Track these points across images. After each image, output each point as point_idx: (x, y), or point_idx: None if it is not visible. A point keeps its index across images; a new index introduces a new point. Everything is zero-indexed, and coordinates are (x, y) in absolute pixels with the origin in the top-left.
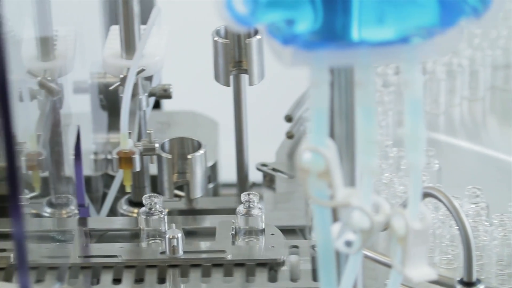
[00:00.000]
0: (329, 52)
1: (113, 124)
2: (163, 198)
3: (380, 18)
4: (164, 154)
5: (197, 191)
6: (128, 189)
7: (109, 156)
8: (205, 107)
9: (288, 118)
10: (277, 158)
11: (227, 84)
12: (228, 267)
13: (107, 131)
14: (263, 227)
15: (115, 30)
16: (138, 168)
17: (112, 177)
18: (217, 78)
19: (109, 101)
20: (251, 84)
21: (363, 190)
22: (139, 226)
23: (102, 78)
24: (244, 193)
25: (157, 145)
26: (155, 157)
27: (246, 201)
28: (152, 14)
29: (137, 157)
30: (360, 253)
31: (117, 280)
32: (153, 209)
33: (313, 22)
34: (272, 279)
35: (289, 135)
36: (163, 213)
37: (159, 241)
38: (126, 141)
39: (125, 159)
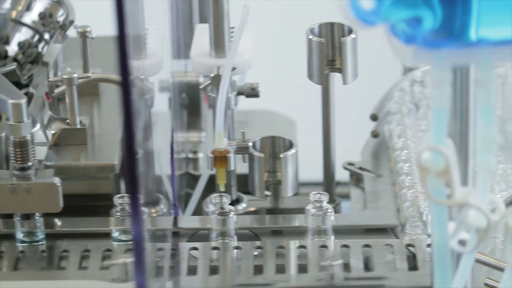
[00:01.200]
0: (450, 50)
1: (192, 123)
2: (249, 197)
3: (500, 17)
4: (256, 153)
5: (289, 190)
6: (222, 188)
7: (189, 155)
8: (278, 106)
9: (374, 117)
10: (362, 157)
11: (321, 83)
12: None
13: (187, 129)
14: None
15: (202, 28)
16: (232, 167)
17: (193, 176)
18: (310, 76)
19: (190, 100)
20: (344, 83)
21: (480, 189)
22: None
23: (183, 77)
24: (313, 192)
25: (250, 144)
26: (247, 156)
27: (315, 200)
28: (243, 12)
29: (232, 156)
30: (473, 252)
31: None
32: (223, 209)
33: (434, 21)
34: None
35: (374, 134)
36: (233, 213)
37: (228, 241)
38: (222, 140)
39: (220, 158)
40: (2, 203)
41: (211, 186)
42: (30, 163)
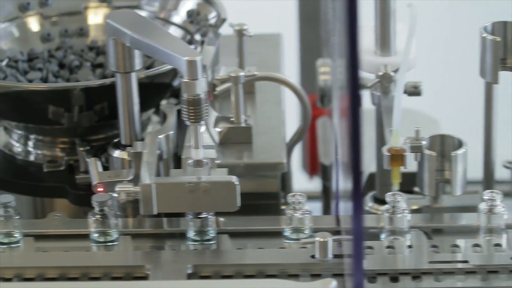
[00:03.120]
0: None
1: None
2: (407, 195)
3: None
4: (428, 152)
5: (457, 189)
6: (396, 186)
7: None
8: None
9: None
10: None
11: (495, 81)
12: None
13: None
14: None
15: (363, 27)
16: (409, 166)
17: None
18: (483, 74)
19: None
20: None
21: None
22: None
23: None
24: (487, 191)
25: (424, 142)
26: (419, 154)
27: (489, 199)
28: (411, 12)
29: (408, 155)
30: None
31: None
32: (396, 207)
33: None
34: None
35: None
36: (406, 211)
37: (399, 239)
38: (398, 139)
39: (396, 157)
40: (179, 202)
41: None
42: (204, 161)
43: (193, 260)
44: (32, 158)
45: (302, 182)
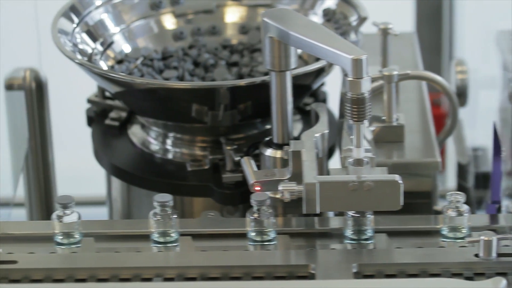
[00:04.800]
0: None
1: None
2: None
3: None
4: None
5: None
6: None
7: None
8: None
9: None
10: None
11: None
12: None
13: None
14: None
15: None
16: None
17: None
18: None
19: None
20: None
21: None
22: None
23: None
24: None
25: None
26: None
27: None
28: None
29: None
30: None
31: None
32: None
33: None
34: None
35: None
36: None
37: None
38: None
39: None
40: (342, 201)
41: None
42: (365, 159)
43: (357, 259)
44: (170, 156)
45: None
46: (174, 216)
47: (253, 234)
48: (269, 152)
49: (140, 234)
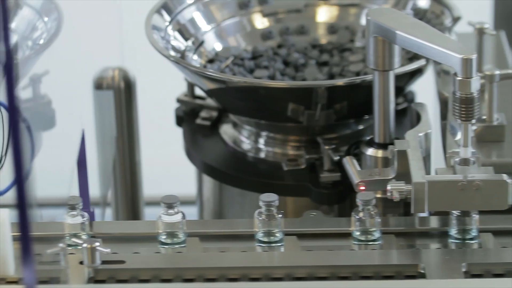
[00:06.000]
0: None
1: None
2: None
3: None
4: None
5: None
6: None
7: None
8: None
9: None
10: None
11: None
12: None
13: None
14: None
15: None
16: None
17: None
18: None
19: None
20: None
21: None
22: None
23: None
24: None
25: None
26: None
27: None
28: None
29: None
30: None
31: None
32: None
33: None
34: None
35: None
36: None
37: None
38: None
39: None
40: (450, 201)
41: None
42: (471, 159)
43: (465, 259)
44: (263, 155)
45: None
46: (279, 216)
47: (358, 233)
48: (370, 151)
49: (243, 234)
